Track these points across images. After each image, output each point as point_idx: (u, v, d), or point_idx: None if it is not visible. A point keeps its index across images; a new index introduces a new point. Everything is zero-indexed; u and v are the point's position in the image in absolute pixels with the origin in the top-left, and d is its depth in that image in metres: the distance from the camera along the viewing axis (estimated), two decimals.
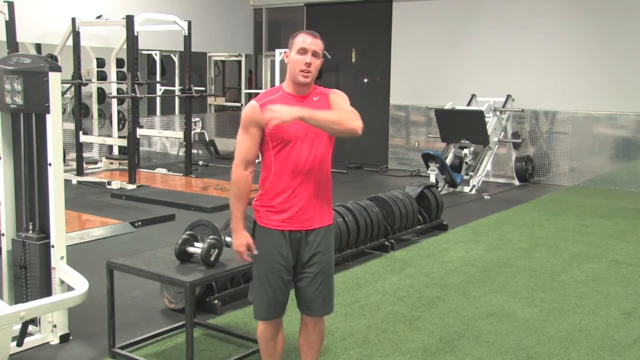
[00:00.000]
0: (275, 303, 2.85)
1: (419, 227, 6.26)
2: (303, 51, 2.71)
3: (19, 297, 3.65)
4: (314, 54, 2.72)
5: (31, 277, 3.59)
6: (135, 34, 8.46)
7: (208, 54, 12.73)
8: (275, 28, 12.33)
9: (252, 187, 2.83)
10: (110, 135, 10.05)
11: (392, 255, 5.57)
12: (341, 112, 2.71)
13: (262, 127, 2.70)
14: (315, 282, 2.84)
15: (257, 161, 2.82)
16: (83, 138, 9.11)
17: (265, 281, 2.84)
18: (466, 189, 8.75)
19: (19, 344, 3.33)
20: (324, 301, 2.88)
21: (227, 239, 4.41)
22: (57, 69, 3.44)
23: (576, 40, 9.33)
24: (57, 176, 3.50)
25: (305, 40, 2.72)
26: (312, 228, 2.80)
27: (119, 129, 10.16)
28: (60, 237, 3.55)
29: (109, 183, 8.43)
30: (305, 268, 2.83)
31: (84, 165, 9.19)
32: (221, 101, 13.12)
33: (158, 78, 11.99)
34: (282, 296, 2.85)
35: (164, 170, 9.77)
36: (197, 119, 10.89)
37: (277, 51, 10.49)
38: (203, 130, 11.23)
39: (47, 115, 3.42)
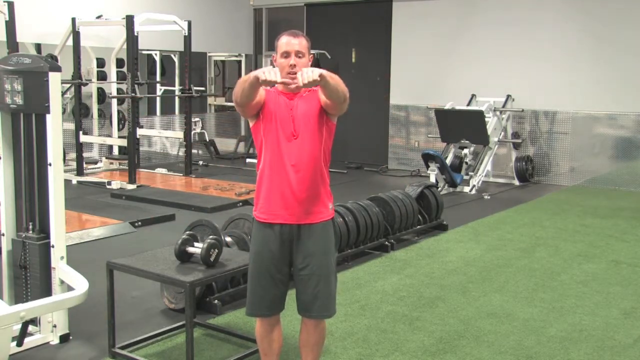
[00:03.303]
0: (265, 300, 2.86)
1: (419, 227, 6.26)
2: (286, 54, 2.74)
3: (19, 297, 3.65)
4: (298, 54, 2.74)
5: (31, 277, 3.59)
6: (135, 34, 8.46)
7: (208, 54, 12.72)
8: (275, 28, 12.32)
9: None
10: (110, 135, 10.05)
11: (392, 255, 5.57)
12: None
13: (262, 101, 2.75)
14: (311, 284, 2.83)
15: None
16: (83, 138, 9.11)
17: (256, 277, 2.86)
18: (466, 189, 8.75)
19: (19, 344, 3.33)
20: (322, 304, 2.86)
21: (227, 239, 4.41)
22: (57, 69, 3.44)
23: (576, 40, 9.33)
24: (57, 176, 3.50)
25: (287, 42, 2.74)
26: (304, 223, 2.80)
27: (119, 129, 10.16)
28: (60, 237, 3.55)
29: (109, 183, 8.43)
30: (300, 269, 2.83)
31: (84, 165, 9.19)
32: (221, 101, 13.11)
33: (158, 78, 11.98)
34: (271, 294, 2.85)
35: (164, 170, 9.77)
36: (197, 119, 10.89)
37: None
38: (203, 130, 11.23)
39: (47, 115, 3.42)
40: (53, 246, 3.54)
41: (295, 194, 2.77)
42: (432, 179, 8.41)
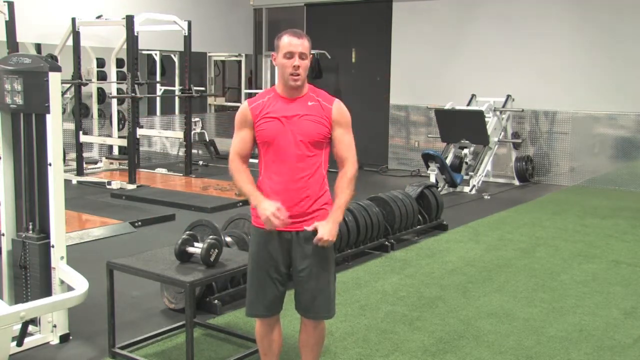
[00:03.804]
0: (264, 301, 2.85)
1: (419, 227, 6.26)
2: (290, 55, 2.71)
3: (19, 297, 3.65)
4: (301, 56, 2.72)
5: (31, 277, 3.59)
6: (135, 34, 8.46)
7: (208, 54, 12.73)
8: (275, 28, 12.32)
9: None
10: (110, 135, 10.05)
11: (392, 255, 5.57)
12: (348, 183, 2.79)
13: (253, 127, 2.80)
14: (309, 286, 2.83)
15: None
16: (83, 138, 9.11)
17: (255, 278, 2.86)
18: (466, 189, 8.75)
19: (19, 344, 3.33)
20: (321, 305, 2.86)
21: (227, 239, 4.41)
22: (57, 69, 3.44)
23: (576, 40, 9.33)
24: (57, 176, 3.50)
25: (290, 42, 2.71)
26: (303, 229, 2.79)
27: (119, 129, 10.17)
28: (60, 237, 3.55)
29: (109, 183, 8.43)
30: (299, 271, 2.83)
31: (84, 165, 9.19)
32: (221, 101, 13.12)
33: (158, 78, 11.99)
34: (270, 295, 2.85)
35: (164, 170, 9.77)
36: (197, 119, 10.89)
37: None
38: (203, 130, 11.23)
39: (47, 115, 3.43)
40: (53, 246, 3.54)
41: (295, 203, 2.76)
42: (432, 179, 8.41)
